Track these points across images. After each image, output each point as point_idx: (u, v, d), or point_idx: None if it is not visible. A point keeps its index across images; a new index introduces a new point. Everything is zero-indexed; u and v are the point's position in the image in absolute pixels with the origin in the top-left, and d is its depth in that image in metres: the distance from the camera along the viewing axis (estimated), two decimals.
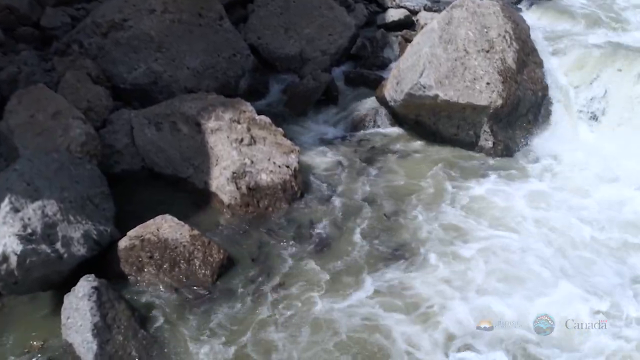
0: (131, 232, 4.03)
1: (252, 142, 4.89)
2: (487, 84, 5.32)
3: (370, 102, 6.20)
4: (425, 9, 7.88)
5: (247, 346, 3.50)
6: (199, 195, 4.77)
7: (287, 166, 4.80)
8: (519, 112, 5.59)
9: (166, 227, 4.07)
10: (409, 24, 7.73)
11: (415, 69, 5.45)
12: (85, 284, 3.52)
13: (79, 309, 3.43)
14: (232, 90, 6.03)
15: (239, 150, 4.79)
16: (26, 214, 3.70)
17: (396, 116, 5.96)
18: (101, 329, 3.38)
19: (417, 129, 5.82)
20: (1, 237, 3.53)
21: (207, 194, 4.75)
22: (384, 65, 7.00)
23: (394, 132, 5.93)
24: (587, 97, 5.68)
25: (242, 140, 4.86)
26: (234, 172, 4.62)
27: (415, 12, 7.89)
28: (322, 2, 7.08)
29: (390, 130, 5.95)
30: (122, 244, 3.99)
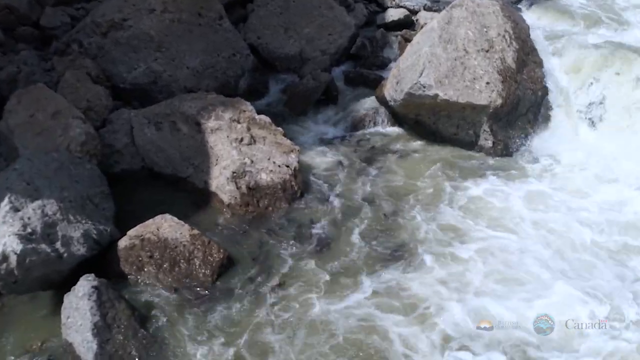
0: (131, 232, 4.04)
1: (252, 142, 4.89)
2: (487, 83, 5.31)
3: (370, 101, 6.18)
4: (425, 9, 7.85)
5: (244, 347, 3.51)
6: (199, 194, 4.77)
7: (287, 166, 4.80)
8: (519, 111, 5.58)
9: (166, 226, 4.08)
10: (408, 24, 7.71)
11: (415, 69, 5.45)
12: (85, 284, 3.53)
13: (79, 309, 3.44)
14: (232, 89, 6.03)
15: (239, 149, 4.79)
16: (26, 213, 3.71)
17: (396, 116, 5.96)
18: (101, 329, 3.39)
19: (416, 128, 5.82)
20: (1, 237, 3.54)
21: (207, 193, 4.75)
22: (384, 65, 6.97)
23: (394, 131, 5.93)
24: (584, 102, 5.66)
25: (242, 139, 4.87)
26: (233, 172, 4.63)
27: (415, 12, 7.86)
28: (322, 1, 7.07)
29: (390, 129, 5.95)
30: (122, 243, 3.99)
